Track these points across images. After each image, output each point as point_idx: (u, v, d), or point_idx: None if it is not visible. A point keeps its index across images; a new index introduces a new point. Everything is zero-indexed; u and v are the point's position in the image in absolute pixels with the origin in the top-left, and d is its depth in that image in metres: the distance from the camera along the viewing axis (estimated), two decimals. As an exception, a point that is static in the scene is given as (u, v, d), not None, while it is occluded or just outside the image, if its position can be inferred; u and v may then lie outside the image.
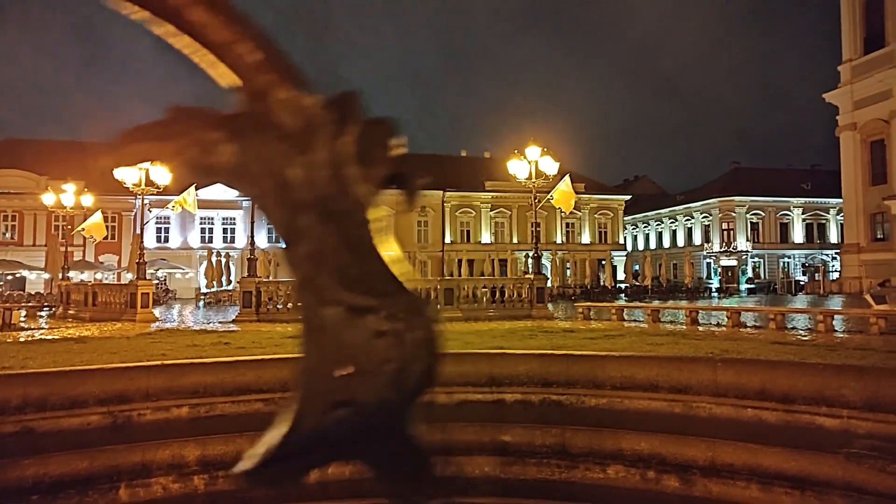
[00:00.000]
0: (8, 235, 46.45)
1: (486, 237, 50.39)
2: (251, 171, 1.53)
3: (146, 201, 20.28)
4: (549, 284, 35.96)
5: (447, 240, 49.54)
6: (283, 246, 1.62)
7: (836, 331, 11.46)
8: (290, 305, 16.18)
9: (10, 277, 43.06)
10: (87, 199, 25.39)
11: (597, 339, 9.35)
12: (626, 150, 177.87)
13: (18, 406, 3.61)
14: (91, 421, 3.80)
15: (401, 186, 1.75)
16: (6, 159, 45.66)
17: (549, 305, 18.73)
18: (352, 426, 1.57)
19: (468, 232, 50.47)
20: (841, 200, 39.56)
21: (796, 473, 3.79)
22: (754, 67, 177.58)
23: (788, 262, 54.16)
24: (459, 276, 33.74)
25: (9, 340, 11.03)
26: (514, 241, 49.88)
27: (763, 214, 54.48)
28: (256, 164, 1.52)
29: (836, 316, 12.55)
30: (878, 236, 35.72)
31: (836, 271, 44.83)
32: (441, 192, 49.11)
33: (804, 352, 8.11)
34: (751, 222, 54.32)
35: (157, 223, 45.85)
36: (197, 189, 23.30)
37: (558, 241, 50.84)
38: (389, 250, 1.67)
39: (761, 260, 53.90)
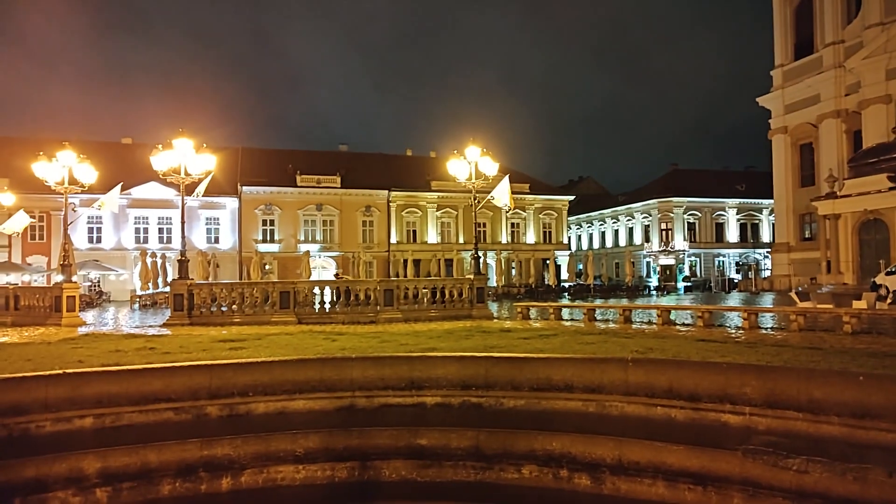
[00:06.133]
0: (-80, 234, 42.95)
1: (432, 237, 50.56)
2: None
3: (74, 200, 19.23)
4: (492, 284, 36.41)
5: (393, 240, 49.41)
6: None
7: (761, 328, 12.07)
8: (224, 308, 15.71)
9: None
10: (7, 198, 23.77)
11: (531, 339, 9.48)
12: (573, 151, 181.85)
13: None
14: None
15: None
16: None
17: (493, 305, 18.89)
18: None
19: (414, 232, 50.49)
20: (773, 201, 41.92)
21: (698, 470, 3.98)
22: (696, 71, 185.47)
23: (724, 261, 57.03)
24: (406, 276, 33.66)
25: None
26: (461, 241, 50.28)
27: (700, 215, 57.18)
28: None
29: (760, 313, 13.25)
30: (807, 236, 38.05)
31: (768, 269, 47.48)
32: (386, 191, 49.01)
33: (725, 349, 8.39)
34: (688, 222, 56.90)
35: (88, 223, 43.56)
36: (128, 189, 22.20)
37: (504, 240, 51.59)
38: None
39: (698, 259, 56.55)
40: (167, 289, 33.33)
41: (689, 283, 44.36)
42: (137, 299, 33.96)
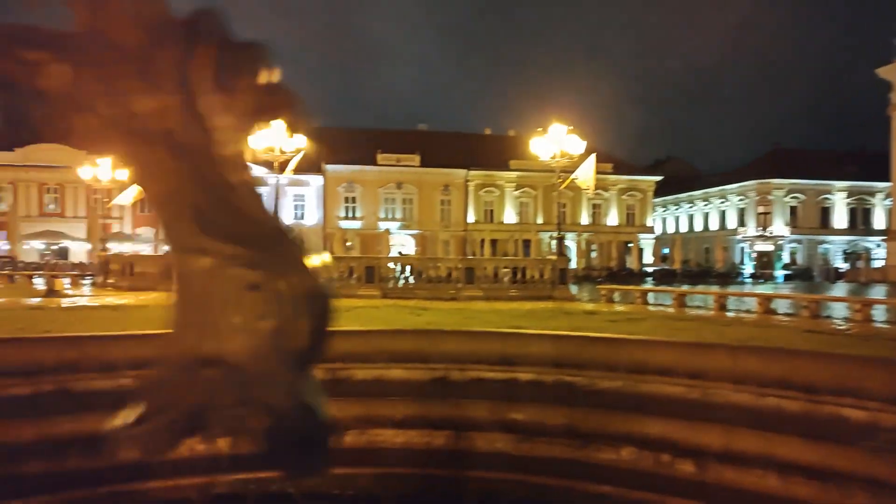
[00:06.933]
0: (52, 207, 48.26)
1: (510, 217, 50.08)
2: (88, 96, 1.29)
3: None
4: (572, 266, 35.72)
5: (470, 219, 49.43)
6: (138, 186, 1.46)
7: (875, 321, 11.10)
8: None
9: (54, 247, 44.88)
10: (122, 174, 25.90)
11: (618, 322, 9.25)
12: (659, 130, 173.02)
13: (54, 367, 3.81)
14: (123, 384, 3.98)
15: (276, 120, 1.52)
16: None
17: (572, 287, 18.61)
18: (225, 387, 1.37)
19: (492, 212, 50.22)
20: (889, 184, 37.88)
21: (816, 464, 3.73)
22: (799, 42, 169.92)
23: (829, 249, 52.43)
24: (482, 255, 33.78)
25: (52, 306, 11.53)
26: (539, 221, 49.48)
27: (803, 198, 52.67)
28: (95, 90, 1.29)
29: (875, 305, 12.15)
30: (928, 223, 34.21)
31: (880, 259, 43.18)
32: (465, 170, 48.90)
33: (836, 341, 7.84)
34: (790, 206, 52.64)
35: (189, 197, 46.99)
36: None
37: (584, 222, 50.20)
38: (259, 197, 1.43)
39: (799, 245, 52.32)
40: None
41: (788, 272, 41.22)
42: (233, 270, 36.23)
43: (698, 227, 59.74)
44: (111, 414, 3.95)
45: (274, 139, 16.06)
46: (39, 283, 20.70)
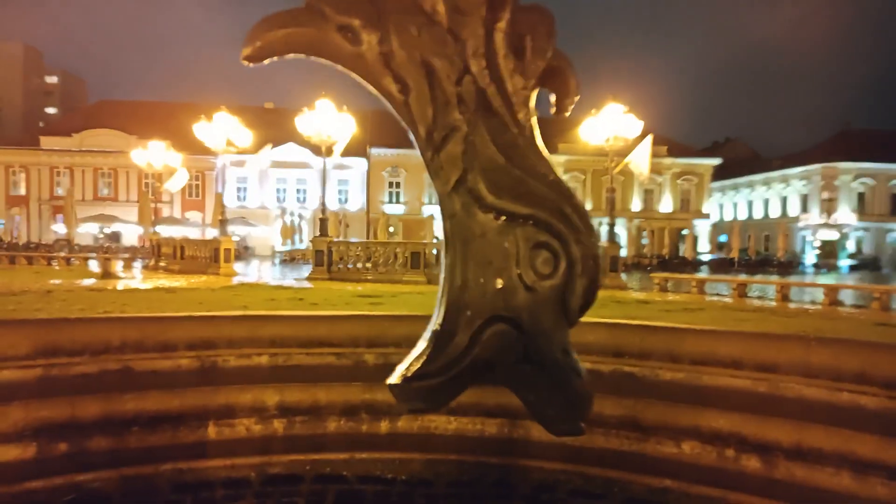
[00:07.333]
0: (105, 191, 50.41)
1: (559, 203, 49.22)
2: (396, 61, 1.38)
3: (226, 161, 21.29)
4: (623, 254, 34.83)
5: (518, 204, 48.82)
6: (425, 151, 1.43)
7: (952, 314, 10.34)
8: (359, 265, 16.64)
9: (107, 230, 47.03)
10: (174, 158, 26.57)
11: (673, 312, 8.93)
12: (718, 110, 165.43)
13: (119, 347, 3.94)
14: (181, 364, 4.09)
15: (552, 86, 1.54)
16: (100, 120, 49.22)
17: (623, 275, 18.14)
18: (507, 343, 1.45)
19: (540, 197, 49.43)
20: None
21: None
22: (871, 19, 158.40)
23: (899, 237, 49.19)
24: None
25: (108, 288, 12.03)
26: (588, 206, 48.25)
27: (872, 183, 49.47)
28: (402, 54, 1.38)
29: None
30: None
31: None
32: (513, 154, 48.29)
33: (912, 335, 7.33)
34: (857, 192, 49.56)
35: (237, 183, 48.20)
36: (272, 147, 24.06)
37: (635, 208, 48.77)
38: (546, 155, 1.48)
39: (867, 234, 49.29)
40: (301, 245, 36.35)
41: (853, 262, 38.99)
42: (278, 254, 37.21)
43: (758, 213, 57.01)
44: (171, 393, 4.07)
45: (321, 121, 16.22)
46: (94, 265, 21.59)
